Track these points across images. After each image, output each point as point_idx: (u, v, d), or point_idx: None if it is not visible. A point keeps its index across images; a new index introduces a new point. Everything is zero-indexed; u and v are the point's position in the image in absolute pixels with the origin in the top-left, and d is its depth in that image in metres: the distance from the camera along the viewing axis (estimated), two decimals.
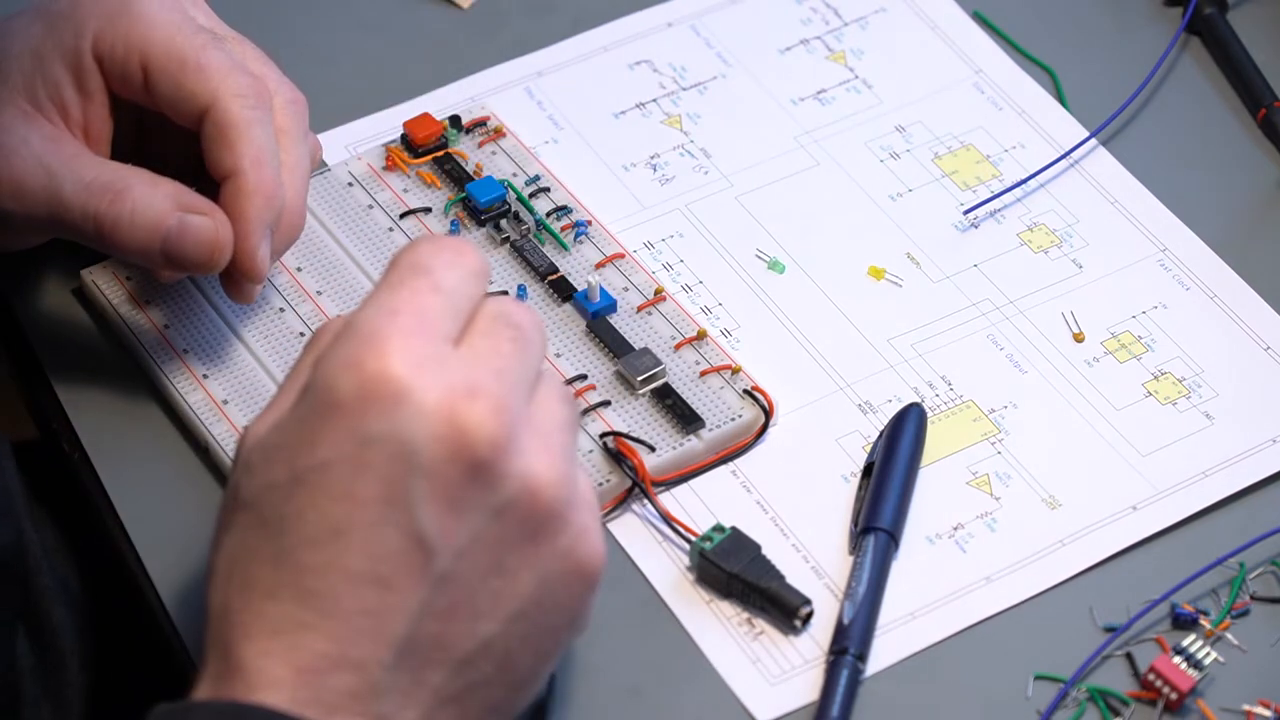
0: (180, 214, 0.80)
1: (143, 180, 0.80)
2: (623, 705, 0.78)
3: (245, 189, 0.81)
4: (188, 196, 0.80)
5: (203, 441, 0.84)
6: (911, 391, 0.86)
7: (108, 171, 0.80)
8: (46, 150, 0.80)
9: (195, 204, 0.80)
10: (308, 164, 0.84)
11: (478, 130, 0.93)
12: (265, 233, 0.81)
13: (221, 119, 0.81)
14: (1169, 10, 1.00)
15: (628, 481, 0.82)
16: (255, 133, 0.81)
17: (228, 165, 0.81)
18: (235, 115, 0.81)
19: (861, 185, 0.93)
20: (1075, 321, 0.89)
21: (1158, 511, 0.83)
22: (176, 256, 0.80)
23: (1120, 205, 0.93)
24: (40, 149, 0.80)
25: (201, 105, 0.81)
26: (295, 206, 0.83)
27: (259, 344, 0.86)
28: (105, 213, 0.79)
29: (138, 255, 0.81)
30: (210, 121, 0.81)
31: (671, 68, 0.98)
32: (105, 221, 0.80)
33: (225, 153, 0.81)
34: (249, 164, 0.81)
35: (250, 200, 0.81)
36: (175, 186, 0.81)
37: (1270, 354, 0.88)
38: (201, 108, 0.81)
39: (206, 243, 0.80)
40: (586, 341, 0.86)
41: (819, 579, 0.80)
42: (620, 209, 0.92)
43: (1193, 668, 0.77)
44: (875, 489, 0.82)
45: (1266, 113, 0.95)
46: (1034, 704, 0.77)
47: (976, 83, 0.98)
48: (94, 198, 0.80)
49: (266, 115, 0.82)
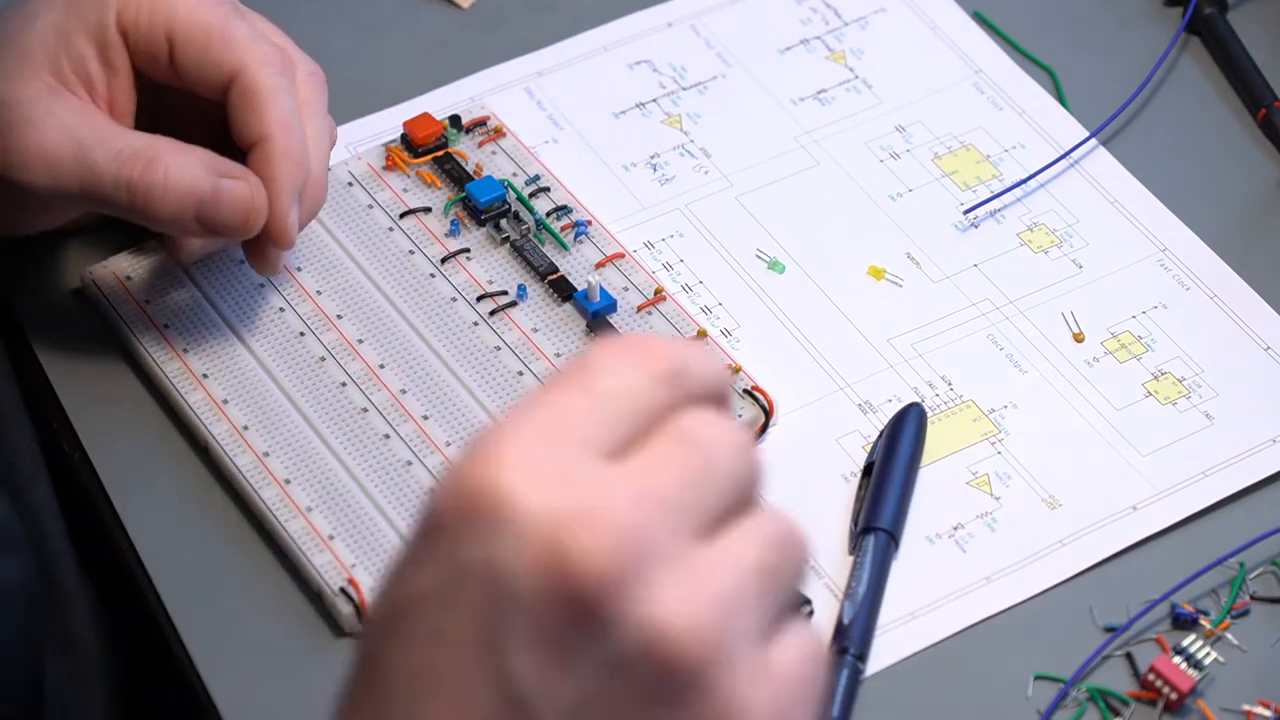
0: (214, 179, 0.80)
1: (174, 148, 0.81)
2: None
3: (274, 153, 0.81)
4: (220, 162, 0.81)
5: (203, 441, 0.84)
6: (911, 391, 0.86)
7: (138, 140, 0.81)
8: (75, 122, 0.80)
9: (229, 169, 0.81)
10: (328, 136, 0.85)
11: (478, 130, 0.93)
12: (295, 197, 0.81)
13: (249, 85, 0.81)
14: (1169, 10, 1.00)
15: None
16: (282, 99, 0.81)
17: (255, 131, 0.81)
18: (262, 81, 0.81)
19: (861, 185, 0.93)
20: (1075, 321, 0.89)
21: (1158, 511, 0.83)
22: (211, 221, 0.80)
23: (1120, 205, 0.93)
24: (69, 121, 0.80)
25: (228, 74, 0.81)
26: (318, 176, 0.84)
27: (259, 344, 0.86)
28: (139, 180, 0.80)
29: (171, 222, 0.81)
30: (237, 88, 0.81)
31: (671, 68, 0.98)
32: (139, 188, 0.80)
33: (253, 118, 0.81)
34: (277, 129, 0.81)
35: (280, 164, 0.81)
36: (206, 153, 0.81)
37: (1270, 354, 0.88)
38: (228, 76, 0.81)
39: (242, 206, 0.80)
40: (587, 341, 0.86)
41: (819, 579, 0.80)
42: (620, 209, 0.92)
43: (1193, 668, 0.77)
44: (875, 489, 0.82)
45: (1266, 113, 0.95)
46: (1034, 704, 0.77)
47: (976, 83, 0.98)
48: (126, 165, 0.80)
49: (291, 84, 0.82)
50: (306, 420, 0.84)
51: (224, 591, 0.80)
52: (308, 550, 0.80)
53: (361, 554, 0.80)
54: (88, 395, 0.85)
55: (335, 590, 0.79)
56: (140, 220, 0.82)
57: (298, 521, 0.80)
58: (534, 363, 0.85)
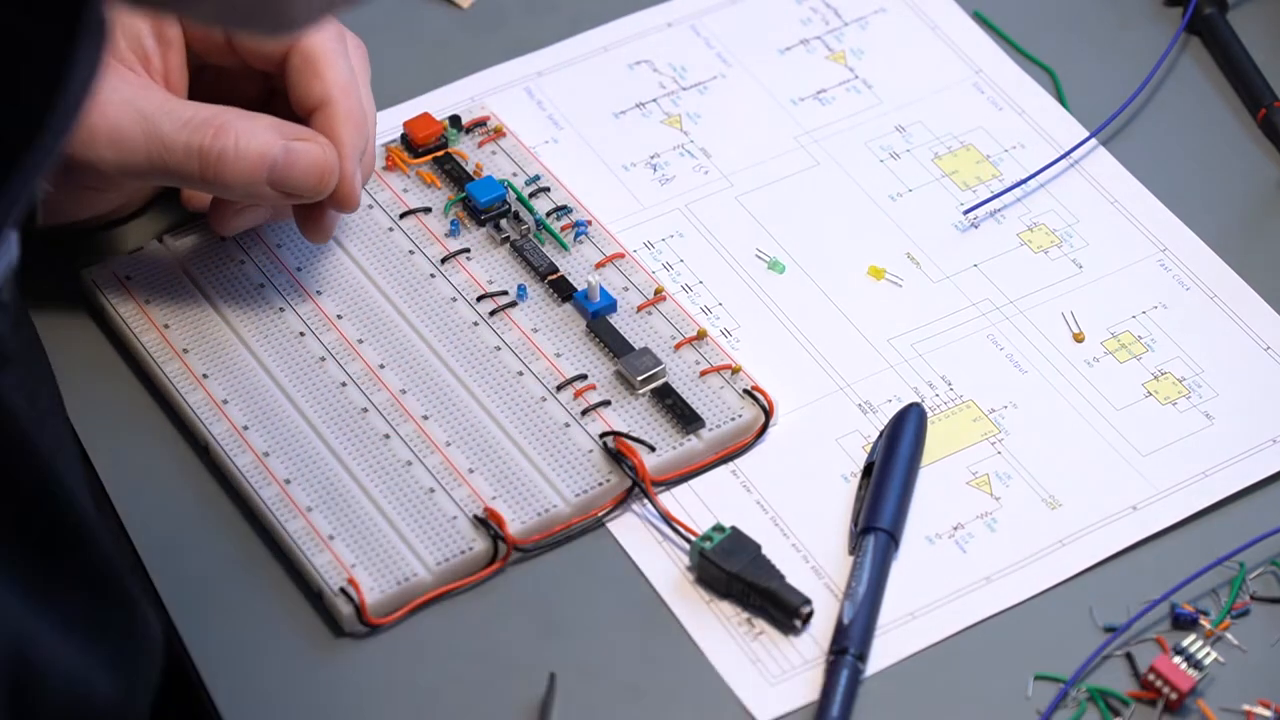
0: (285, 142, 0.81)
1: (242, 114, 0.82)
2: (623, 705, 0.78)
3: (338, 115, 0.82)
4: (289, 126, 0.82)
5: (203, 441, 0.84)
6: (911, 391, 0.86)
7: (205, 109, 0.81)
8: (138, 96, 0.81)
9: (299, 132, 0.82)
10: (373, 107, 0.86)
11: (478, 130, 0.93)
12: (358, 159, 0.83)
13: (309, 51, 0.82)
14: (1169, 10, 1.00)
15: (628, 481, 0.82)
16: (340, 63, 0.83)
17: (317, 94, 0.82)
18: (321, 46, 0.82)
19: (861, 185, 0.93)
20: (1075, 321, 0.89)
21: (1158, 511, 0.83)
22: (285, 184, 0.81)
23: (1120, 205, 0.93)
24: (131, 95, 0.81)
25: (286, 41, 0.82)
26: (370, 144, 0.85)
27: (259, 344, 0.86)
28: (210, 146, 0.80)
29: (243, 189, 0.82)
30: (297, 54, 0.82)
31: (671, 68, 0.98)
32: (210, 156, 0.80)
33: (315, 82, 0.82)
34: (339, 92, 0.82)
35: (344, 126, 0.82)
36: (274, 118, 0.82)
37: (1270, 354, 0.88)
38: (286, 43, 0.82)
39: (316, 168, 0.81)
40: (586, 341, 0.86)
41: (819, 579, 0.80)
42: (620, 209, 0.92)
43: (1193, 668, 0.77)
44: (875, 489, 0.82)
45: (1266, 113, 0.95)
46: (1034, 704, 0.77)
47: (976, 83, 0.98)
48: (196, 133, 0.80)
49: (346, 50, 0.84)
50: (306, 420, 0.84)
51: (224, 591, 0.80)
52: (308, 550, 0.80)
53: (361, 554, 0.80)
54: (88, 395, 0.85)
55: (335, 590, 0.79)
56: (211, 189, 0.82)
57: (298, 521, 0.80)
58: (534, 363, 0.85)
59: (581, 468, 0.82)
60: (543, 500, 0.81)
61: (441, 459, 0.82)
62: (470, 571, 0.80)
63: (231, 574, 0.81)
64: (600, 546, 0.82)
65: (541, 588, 0.80)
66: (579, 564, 0.81)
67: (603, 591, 0.80)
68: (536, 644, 0.79)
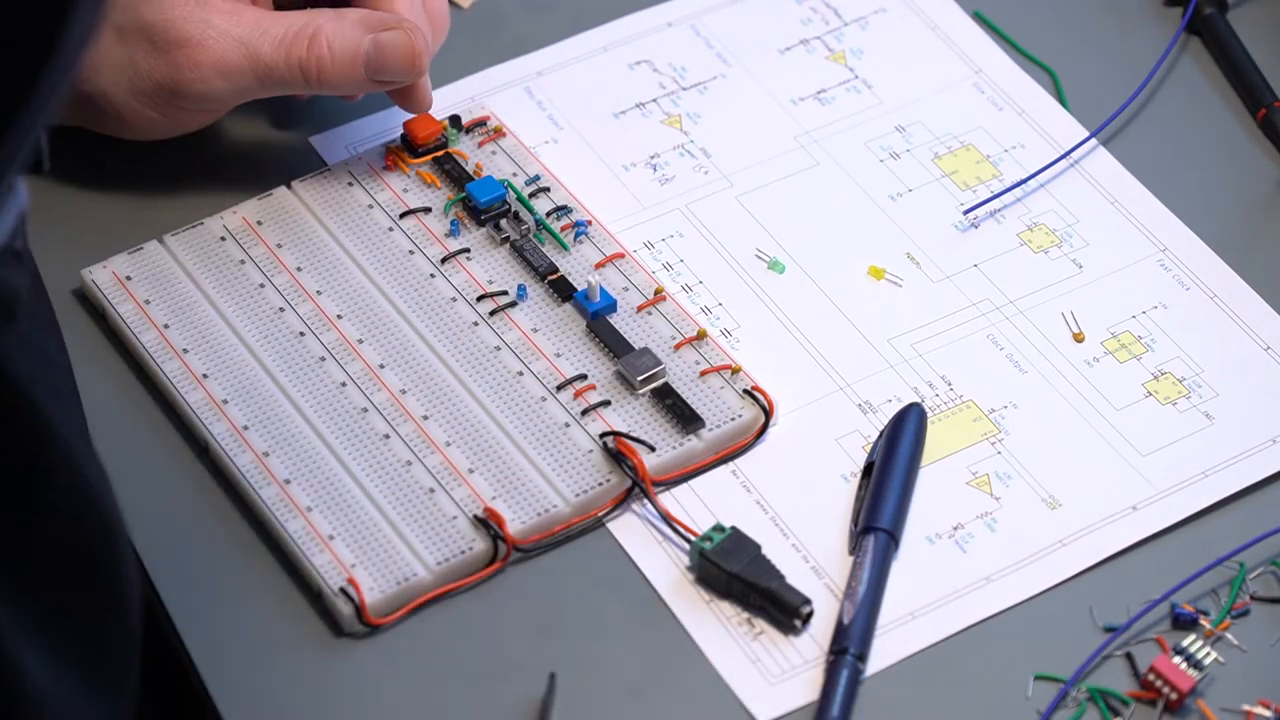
0: (371, 36, 0.87)
1: (329, 17, 0.87)
2: (623, 705, 0.78)
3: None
4: (373, 17, 0.88)
5: (203, 441, 0.84)
6: (911, 391, 0.86)
7: (295, 21, 0.87)
8: (230, 24, 0.86)
9: (384, 21, 0.88)
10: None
11: (478, 130, 0.93)
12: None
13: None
14: (1169, 10, 1.00)
15: (628, 481, 0.82)
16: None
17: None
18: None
19: (861, 185, 0.93)
20: (1075, 321, 0.89)
21: (1158, 511, 0.83)
22: (381, 74, 0.87)
23: (1120, 205, 0.93)
24: (225, 25, 0.86)
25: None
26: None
27: (259, 344, 0.86)
28: (307, 57, 0.86)
29: (349, 86, 0.88)
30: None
31: (671, 68, 0.98)
32: (310, 66, 0.87)
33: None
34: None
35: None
36: (359, 13, 0.88)
37: (1270, 354, 0.88)
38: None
39: (405, 54, 0.87)
40: (586, 341, 0.86)
41: (819, 579, 0.80)
42: (620, 209, 0.92)
43: (1193, 668, 0.77)
44: (875, 489, 0.82)
45: (1266, 113, 0.95)
46: (1034, 704, 0.77)
47: (976, 83, 0.98)
48: (293, 48, 0.86)
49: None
50: (306, 420, 0.84)
51: (224, 591, 0.80)
52: (308, 550, 0.80)
53: (361, 554, 0.80)
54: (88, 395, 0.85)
55: (335, 590, 0.79)
56: (320, 91, 0.88)
57: (298, 521, 0.80)
58: (534, 363, 0.85)
59: (581, 468, 0.82)
60: (543, 500, 0.81)
61: (441, 459, 0.82)
62: (470, 571, 0.80)
63: (231, 574, 0.81)
64: (600, 546, 0.82)
65: (541, 588, 0.80)
66: (579, 564, 0.81)
67: (602, 591, 0.80)
68: (536, 644, 0.79)
